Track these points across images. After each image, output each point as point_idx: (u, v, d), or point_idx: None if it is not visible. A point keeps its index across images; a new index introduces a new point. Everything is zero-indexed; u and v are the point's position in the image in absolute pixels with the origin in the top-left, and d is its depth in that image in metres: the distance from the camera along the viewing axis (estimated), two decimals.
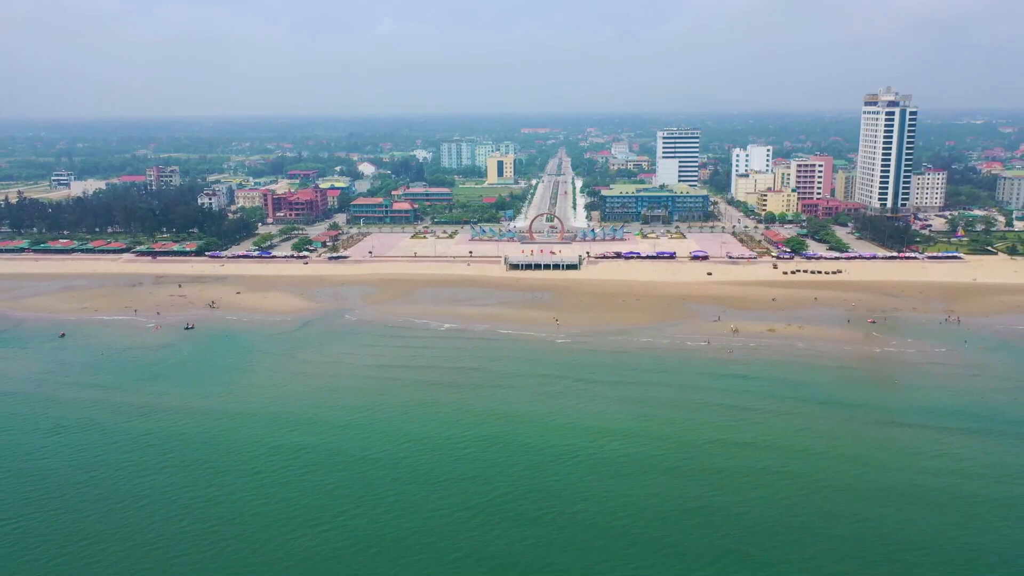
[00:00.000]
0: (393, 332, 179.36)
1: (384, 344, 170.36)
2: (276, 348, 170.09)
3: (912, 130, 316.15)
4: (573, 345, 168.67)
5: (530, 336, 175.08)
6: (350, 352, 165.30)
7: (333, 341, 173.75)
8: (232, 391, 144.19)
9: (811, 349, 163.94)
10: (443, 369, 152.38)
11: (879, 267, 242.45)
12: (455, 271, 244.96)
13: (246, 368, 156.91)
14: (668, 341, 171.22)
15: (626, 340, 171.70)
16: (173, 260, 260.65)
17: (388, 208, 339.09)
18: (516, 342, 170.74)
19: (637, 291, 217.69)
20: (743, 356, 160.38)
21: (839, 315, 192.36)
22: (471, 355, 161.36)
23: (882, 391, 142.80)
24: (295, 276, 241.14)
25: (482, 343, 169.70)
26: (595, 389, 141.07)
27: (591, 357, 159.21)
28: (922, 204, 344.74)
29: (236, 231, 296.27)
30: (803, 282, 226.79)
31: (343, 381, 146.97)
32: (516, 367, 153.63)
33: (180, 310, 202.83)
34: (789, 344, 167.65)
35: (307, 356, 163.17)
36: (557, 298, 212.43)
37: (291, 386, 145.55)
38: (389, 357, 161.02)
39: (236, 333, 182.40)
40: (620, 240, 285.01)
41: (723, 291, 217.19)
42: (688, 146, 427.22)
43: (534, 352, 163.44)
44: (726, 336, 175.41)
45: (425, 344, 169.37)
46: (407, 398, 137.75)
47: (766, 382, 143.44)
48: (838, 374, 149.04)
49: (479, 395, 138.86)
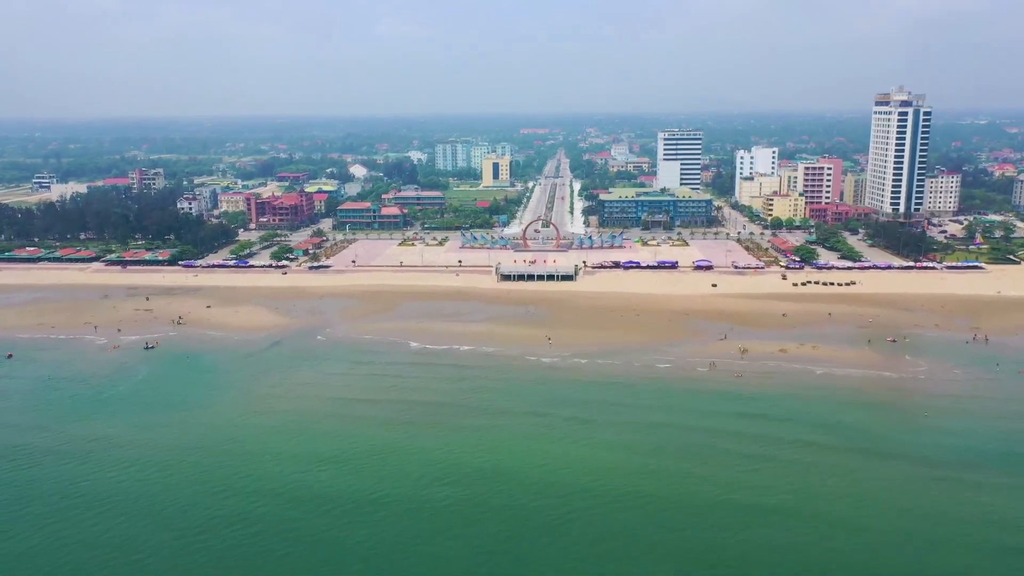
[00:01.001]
0: (369, 354, 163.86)
1: (358, 370, 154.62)
2: (240, 373, 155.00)
3: (926, 131, 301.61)
4: (566, 370, 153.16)
5: (519, 359, 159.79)
6: (319, 379, 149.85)
7: (303, 365, 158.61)
8: (184, 426, 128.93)
9: (828, 375, 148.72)
10: (418, 403, 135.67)
11: (895, 278, 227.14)
12: (442, 282, 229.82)
13: (203, 398, 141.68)
14: (670, 364, 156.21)
15: (624, 363, 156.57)
16: (144, 270, 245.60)
17: (376, 213, 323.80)
18: (503, 367, 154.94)
19: (636, 305, 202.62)
20: (753, 382, 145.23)
21: (856, 333, 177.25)
22: (452, 384, 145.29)
23: (914, 430, 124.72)
24: (271, 288, 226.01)
25: (465, 369, 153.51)
26: (587, 432, 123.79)
27: (584, 387, 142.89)
28: (935, 208, 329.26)
29: (215, 238, 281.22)
30: (815, 295, 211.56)
31: (307, 416, 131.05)
32: (500, 401, 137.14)
33: (144, 327, 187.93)
34: (804, 368, 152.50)
35: (272, 383, 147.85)
36: (550, 313, 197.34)
37: (249, 421, 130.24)
38: (361, 386, 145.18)
39: (199, 354, 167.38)
40: (619, 248, 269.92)
41: (729, 305, 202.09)
42: (690, 148, 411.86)
43: (522, 381, 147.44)
44: (734, 358, 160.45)
45: (402, 370, 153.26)
46: (375, 440, 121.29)
47: (781, 419, 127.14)
48: (861, 407, 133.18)
49: (456, 438, 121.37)
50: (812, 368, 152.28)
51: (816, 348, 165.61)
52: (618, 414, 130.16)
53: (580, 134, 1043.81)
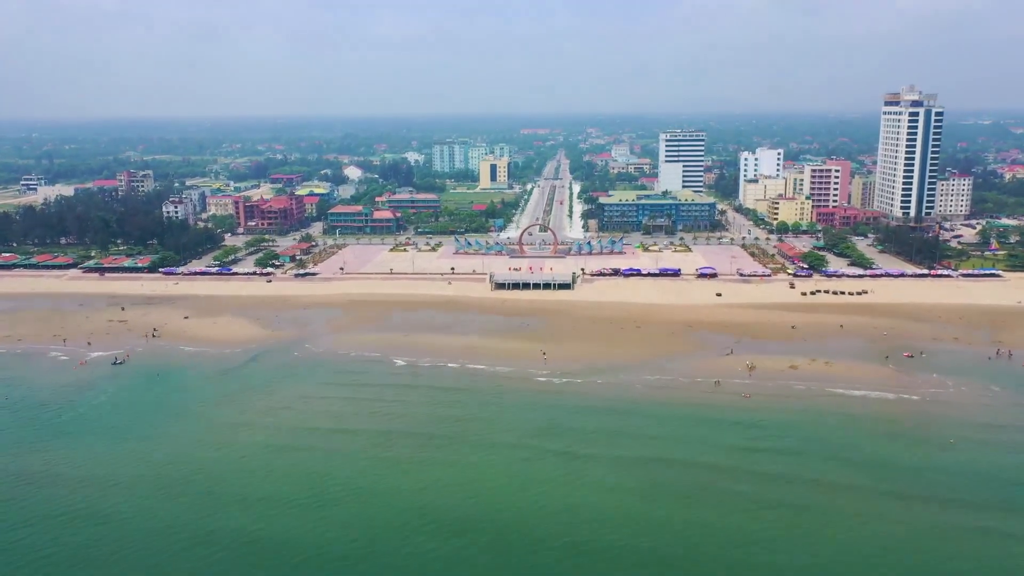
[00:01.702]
0: (352, 373, 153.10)
1: (338, 391, 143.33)
2: (211, 393, 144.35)
3: (938, 132, 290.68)
4: (560, 392, 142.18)
5: (512, 378, 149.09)
6: (295, 402, 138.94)
7: (279, 384, 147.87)
8: (144, 457, 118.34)
9: (844, 397, 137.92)
10: (400, 434, 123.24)
11: (909, 286, 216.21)
12: (434, 291, 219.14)
13: (168, 423, 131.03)
14: (672, 383, 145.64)
15: (623, 381, 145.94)
16: (123, 277, 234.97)
17: (368, 217, 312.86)
18: (494, 388, 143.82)
19: (637, 316, 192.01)
20: (762, 405, 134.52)
21: (871, 348, 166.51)
22: (437, 410, 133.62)
23: (942, 465, 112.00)
24: (254, 297, 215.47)
25: (453, 392, 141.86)
26: (580, 470, 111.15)
27: (579, 413, 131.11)
28: (946, 212, 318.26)
29: (199, 243, 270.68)
30: (825, 305, 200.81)
31: (278, 448, 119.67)
32: (488, 431, 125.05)
33: (116, 339, 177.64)
34: (816, 389, 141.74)
35: (244, 407, 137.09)
36: (546, 325, 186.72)
37: (214, 454, 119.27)
38: (339, 412, 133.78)
39: (171, 370, 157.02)
40: (619, 254, 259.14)
41: (735, 316, 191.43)
42: (692, 149, 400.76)
43: (513, 405, 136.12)
44: (741, 375, 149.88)
45: (384, 392, 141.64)
46: (351, 480, 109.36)
47: (794, 453, 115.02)
48: (881, 436, 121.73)
49: (439, 478, 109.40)
50: (825, 388, 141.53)
51: (829, 364, 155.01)
52: (614, 446, 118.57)
53: (581, 134, 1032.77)
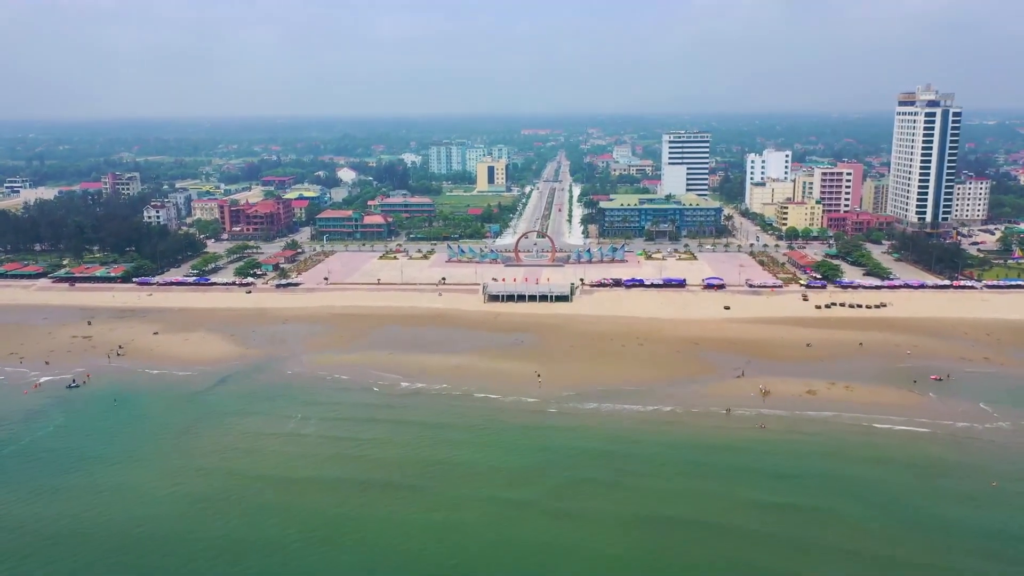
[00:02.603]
0: (326, 400, 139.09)
1: (310, 425, 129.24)
2: (173, 421, 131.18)
3: (955, 133, 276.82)
4: (555, 423, 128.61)
5: (502, 405, 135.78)
6: (264, 433, 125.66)
7: (249, 412, 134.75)
8: (89, 498, 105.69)
9: (870, 428, 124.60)
10: (373, 482, 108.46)
11: (930, 299, 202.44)
12: (423, 303, 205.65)
13: (121, 457, 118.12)
14: (678, 411, 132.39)
15: (624, 411, 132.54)
16: (94, 287, 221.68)
17: (358, 222, 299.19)
18: (482, 419, 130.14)
19: (640, 332, 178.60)
20: (779, 438, 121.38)
21: (894, 369, 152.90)
22: (418, 449, 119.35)
23: (989, 509, 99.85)
24: (231, 310, 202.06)
25: (437, 427, 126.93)
26: (571, 531, 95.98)
27: (575, 454, 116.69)
28: (963, 217, 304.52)
29: (179, 250, 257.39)
30: (841, 319, 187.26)
31: (237, 493, 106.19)
32: (471, 476, 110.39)
33: (76, 358, 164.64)
34: (838, 417, 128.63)
35: (206, 440, 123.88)
36: (541, 342, 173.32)
37: (167, 494, 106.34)
38: (310, 448, 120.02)
39: (131, 395, 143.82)
40: (620, 262, 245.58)
41: (745, 332, 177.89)
42: (697, 151, 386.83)
43: (501, 441, 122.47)
44: (754, 401, 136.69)
45: (361, 427, 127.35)
46: (315, 532, 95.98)
47: (820, 508, 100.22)
48: (918, 478, 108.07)
49: (413, 532, 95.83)
50: (848, 418, 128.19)
51: (850, 389, 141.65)
52: (612, 495, 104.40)
53: (582, 135, 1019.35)
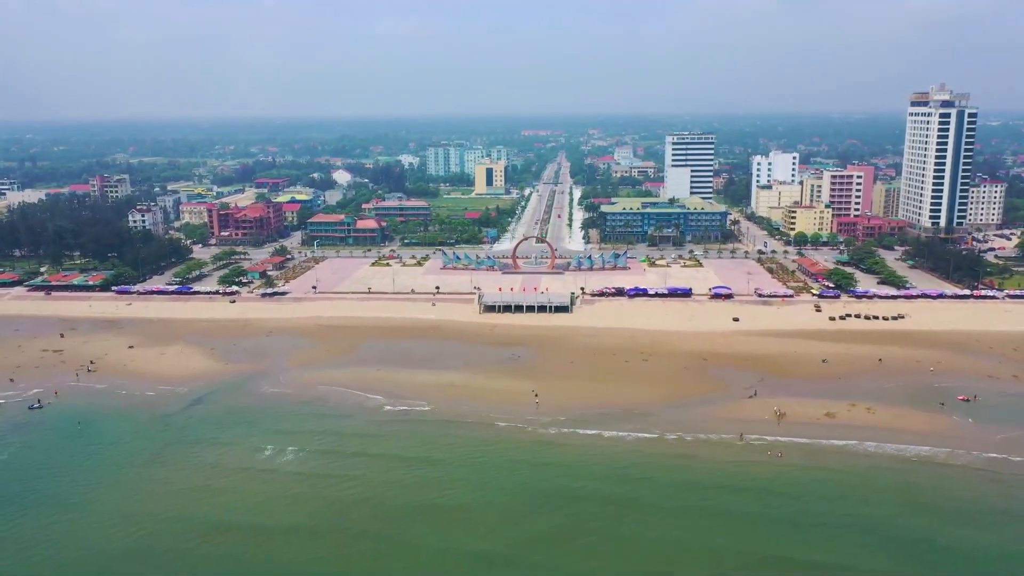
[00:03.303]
0: (305, 428, 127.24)
1: (285, 455, 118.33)
2: (138, 450, 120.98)
3: (971, 135, 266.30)
4: (552, 453, 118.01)
5: (495, 432, 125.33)
6: (232, 467, 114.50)
7: (220, 439, 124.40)
8: (29, 545, 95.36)
9: (898, 457, 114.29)
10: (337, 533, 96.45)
11: (950, 310, 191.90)
12: (415, 314, 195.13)
13: (74, 493, 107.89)
14: (686, 437, 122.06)
15: (628, 437, 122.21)
16: (71, 296, 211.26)
17: (350, 227, 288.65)
18: (472, 449, 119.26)
19: (644, 346, 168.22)
20: (798, 470, 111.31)
21: (918, 388, 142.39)
22: (399, 486, 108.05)
23: None
24: (213, 321, 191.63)
25: (421, 461, 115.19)
26: None
27: (572, 497, 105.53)
28: (977, 222, 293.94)
29: (163, 256, 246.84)
30: (857, 332, 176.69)
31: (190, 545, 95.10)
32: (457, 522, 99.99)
33: (45, 374, 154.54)
34: (861, 444, 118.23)
35: (169, 473, 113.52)
36: (540, 357, 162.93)
37: (115, 544, 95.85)
38: (280, 486, 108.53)
39: (97, 417, 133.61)
40: (623, 269, 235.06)
41: (755, 346, 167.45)
42: (701, 153, 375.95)
43: (495, 473, 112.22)
44: (769, 425, 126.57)
45: (337, 463, 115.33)
46: None
47: (853, 562, 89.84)
48: (956, 517, 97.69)
49: None
50: (872, 445, 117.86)
51: (872, 411, 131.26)
52: (613, 549, 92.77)
53: (583, 136, 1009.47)
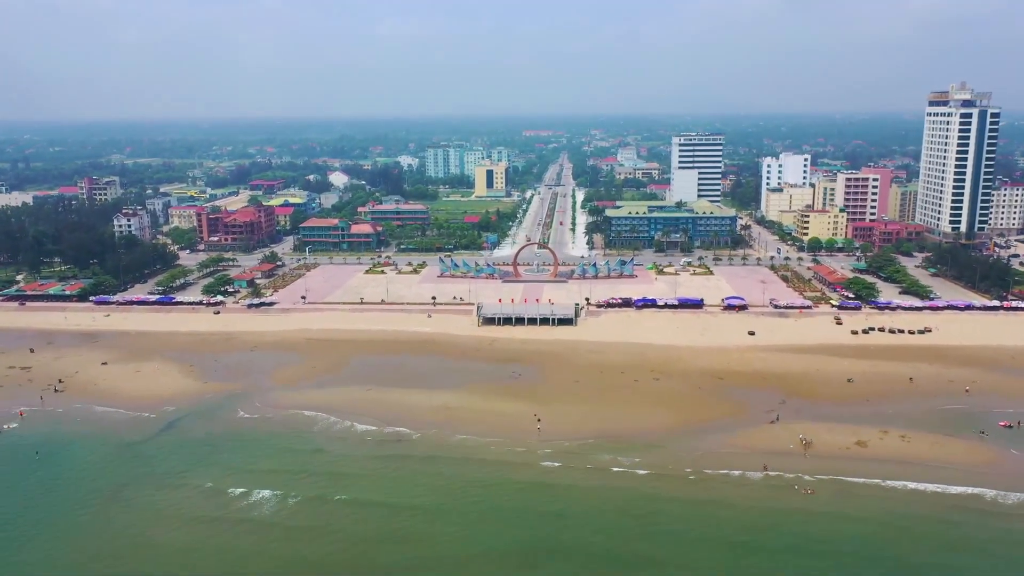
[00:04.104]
0: (280, 467, 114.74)
1: (259, 496, 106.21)
2: (98, 486, 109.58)
3: (994, 136, 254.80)
4: (555, 493, 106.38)
5: (495, 465, 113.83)
6: (198, 517, 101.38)
7: (191, 474, 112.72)
8: None
9: (942, 496, 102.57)
10: None
11: (979, 323, 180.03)
12: (410, 327, 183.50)
13: (16, 548, 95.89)
14: (706, 470, 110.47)
15: (639, 472, 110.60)
16: (47, 307, 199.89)
17: (344, 231, 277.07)
18: (468, 485, 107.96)
19: (655, 363, 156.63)
20: (831, 509, 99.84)
21: (952, 412, 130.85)
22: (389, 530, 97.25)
23: None
24: (195, 334, 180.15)
25: (410, 506, 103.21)
26: None
27: (579, 539, 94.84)
28: (998, 226, 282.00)
29: (147, 263, 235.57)
30: (882, 348, 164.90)
31: None
32: None
33: (8, 395, 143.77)
34: (899, 481, 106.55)
35: (132, 511, 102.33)
36: (542, 375, 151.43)
37: None
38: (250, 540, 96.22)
39: (58, 446, 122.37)
40: (630, 277, 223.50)
41: (774, 363, 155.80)
42: (709, 155, 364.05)
43: (492, 515, 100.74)
44: (794, 455, 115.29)
45: (317, 509, 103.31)
46: None
47: None
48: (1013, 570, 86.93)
49: None
50: (910, 481, 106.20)
51: (906, 440, 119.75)
52: None
53: (585, 136, 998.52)
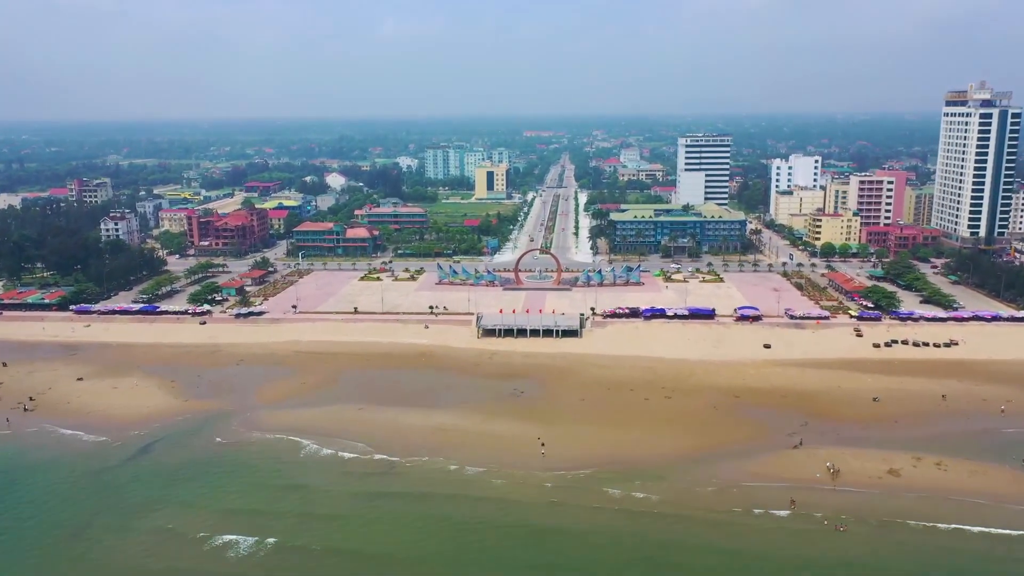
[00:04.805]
0: (262, 499, 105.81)
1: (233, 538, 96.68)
2: (64, 519, 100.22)
3: (1014, 137, 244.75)
4: (565, 542, 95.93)
5: (494, 500, 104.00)
6: (169, 569, 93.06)
7: (164, 507, 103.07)
8: None
9: (988, 538, 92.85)
10: None
11: (1009, 335, 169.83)
12: (406, 338, 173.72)
13: None
14: (725, 502, 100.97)
15: (651, 510, 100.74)
16: (24, 317, 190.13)
17: (339, 236, 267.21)
18: (464, 522, 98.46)
19: (666, 379, 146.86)
20: (865, 550, 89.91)
21: (989, 435, 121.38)
22: None
23: None
24: (179, 346, 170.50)
25: (405, 561, 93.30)
26: None
27: None
28: (1017, 231, 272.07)
29: (133, 269, 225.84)
30: (908, 363, 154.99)
31: None
32: None
33: None
34: (940, 519, 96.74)
35: (97, 550, 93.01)
36: (546, 392, 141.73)
37: None
38: None
39: (24, 473, 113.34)
40: (636, 285, 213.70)
41: (793, 379, 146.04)
42: (716, 156, 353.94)
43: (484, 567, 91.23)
44: (821, 485, 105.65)
45: (296, 560, 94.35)
46: None
47: None
48: None
49: None
50: (951, 518, 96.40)
51: (943, 468, 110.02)
52: None
53: (586, 137, 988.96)
